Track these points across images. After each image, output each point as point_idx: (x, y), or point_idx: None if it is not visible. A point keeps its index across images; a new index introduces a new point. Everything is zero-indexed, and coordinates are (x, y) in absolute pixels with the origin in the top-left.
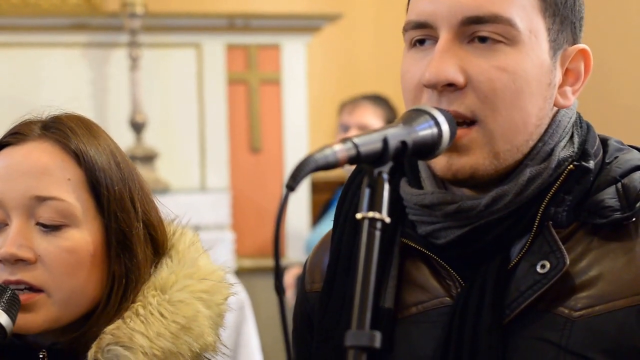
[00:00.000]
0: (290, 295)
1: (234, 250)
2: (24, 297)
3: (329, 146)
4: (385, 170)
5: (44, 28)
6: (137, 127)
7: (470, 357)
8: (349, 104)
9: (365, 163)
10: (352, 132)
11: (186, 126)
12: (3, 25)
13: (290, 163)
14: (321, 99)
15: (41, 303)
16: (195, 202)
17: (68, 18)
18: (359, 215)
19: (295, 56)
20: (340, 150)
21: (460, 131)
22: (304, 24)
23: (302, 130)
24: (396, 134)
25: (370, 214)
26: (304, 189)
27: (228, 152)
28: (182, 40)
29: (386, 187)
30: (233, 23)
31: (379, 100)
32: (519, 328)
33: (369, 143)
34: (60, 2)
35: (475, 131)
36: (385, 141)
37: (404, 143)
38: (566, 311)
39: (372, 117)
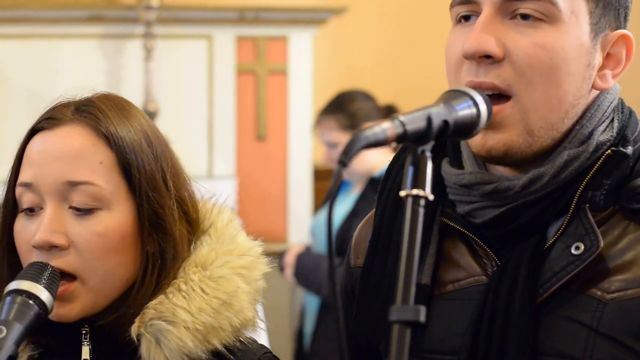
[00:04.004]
0: (290, 273)
1: None
2: (60, 288)
3: (378, 124)
4: (427, 148)
5: (62, 20)
6: (150, 115)
7: (501, 335)
8: (315, 124)
9: (410, 141)
10: (327, 150)
11: (196, 115)
12: (22, 17)
13: (294, 151)
14: (325, 90)
15: (77, 292)
16: (202, 189)
17: (85, 10)
18: (402, 193)
19: (301, 48)
20: (389, 128)
21: (495, 107)
22: (311, 17)
23: (306, 119)
24: (439, 113)
25: (415, 192)
26: (306, 176)
27: (235, 140)
28: (194, 32)
29: (429, 164)
30: (243, 16)
31: (334, 106)
32: (552, 308)
33: (415, 121)
34: None
35: (509, 106)
36: (429, 120)
37: (445, 122)
38: (599, 293)
39: (331, 133)
